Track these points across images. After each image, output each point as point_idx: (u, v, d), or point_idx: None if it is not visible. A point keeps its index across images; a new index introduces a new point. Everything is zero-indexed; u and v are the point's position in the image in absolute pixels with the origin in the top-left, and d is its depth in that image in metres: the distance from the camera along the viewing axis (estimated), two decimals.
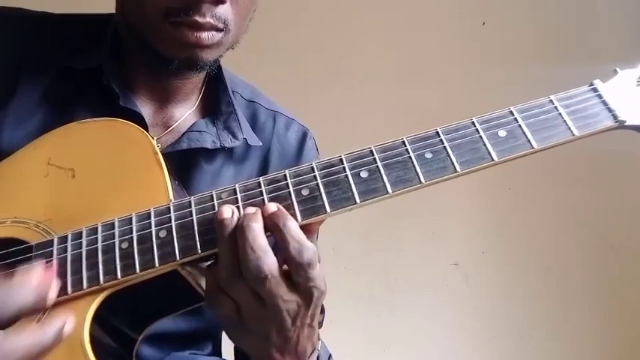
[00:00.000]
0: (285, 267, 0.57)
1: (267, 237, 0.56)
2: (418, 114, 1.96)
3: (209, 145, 0.81)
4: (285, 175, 0.60)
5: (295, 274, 0.56)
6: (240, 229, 0.55)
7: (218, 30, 0.72)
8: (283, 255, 0.56)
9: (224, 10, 0.72)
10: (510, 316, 1.99)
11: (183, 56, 0.74)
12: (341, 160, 0.60)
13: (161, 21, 0.71)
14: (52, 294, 0.55)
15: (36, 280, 0.54)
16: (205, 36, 0.71)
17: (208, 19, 0.71)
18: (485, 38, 2.09)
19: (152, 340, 0.66)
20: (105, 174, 0.66)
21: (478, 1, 2.11)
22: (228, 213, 0.57)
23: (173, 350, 0.83)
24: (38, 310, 0.55)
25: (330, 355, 0.77)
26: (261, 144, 0.88)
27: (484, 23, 2.09)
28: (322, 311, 0.92)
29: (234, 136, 0.84)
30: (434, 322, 1.96)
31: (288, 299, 0.57)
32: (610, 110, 0.61)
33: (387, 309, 1.96)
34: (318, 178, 0.59)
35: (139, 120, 0.77)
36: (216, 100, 0.87)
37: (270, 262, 0.55)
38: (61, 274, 0.58)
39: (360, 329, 1.93)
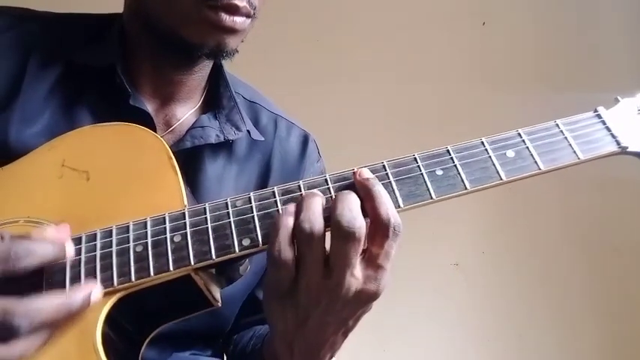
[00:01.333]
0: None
1: None
2: (418, 114, 1.97)
3: (213, 140, 0.81)
4: (299, 186, 0.61)
5: (380, 240, 0.56)
6: (339, 195, 0.56)
7: (248, 16, 0.75)
8: (374, 217, 0.57)
9: None
10: (510, 316, 1.99)
11: (212, 42, 0.75)
12: (354, 173, 0.60)
13: (199, 4, 0.73)
14: (70, 246, 0.57)
15: (52, 232, 0.57)
16: (240, 20, 0.74)
17: (245, 4, 0.73)
18: (485, 38, 2.09)
19: (154, 340, 0.65)
20: (119, 178, 0.66)
21: (478, 1, 2.11)
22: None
23: (175, 351, 0.82)
24: (58, 260, 0.57)
25: None
26: (263, 139, 0.88)
27: (484, 23, 2.08)
28: None
29: (238, 128, 0.84)
30: (434, 322, 1.97)
31: (356, 275, 0.56)
32: (613, 136, 0.63)
33: (387, 309, 1.96)
34: (332, 190, 0.60)
35: (147, 119, 0.78)
36: (217, 96, 0.87)
37: (362, 224, 0.55)
38: (75, 276, 0.58)
39: (360, 329, 1.92)
